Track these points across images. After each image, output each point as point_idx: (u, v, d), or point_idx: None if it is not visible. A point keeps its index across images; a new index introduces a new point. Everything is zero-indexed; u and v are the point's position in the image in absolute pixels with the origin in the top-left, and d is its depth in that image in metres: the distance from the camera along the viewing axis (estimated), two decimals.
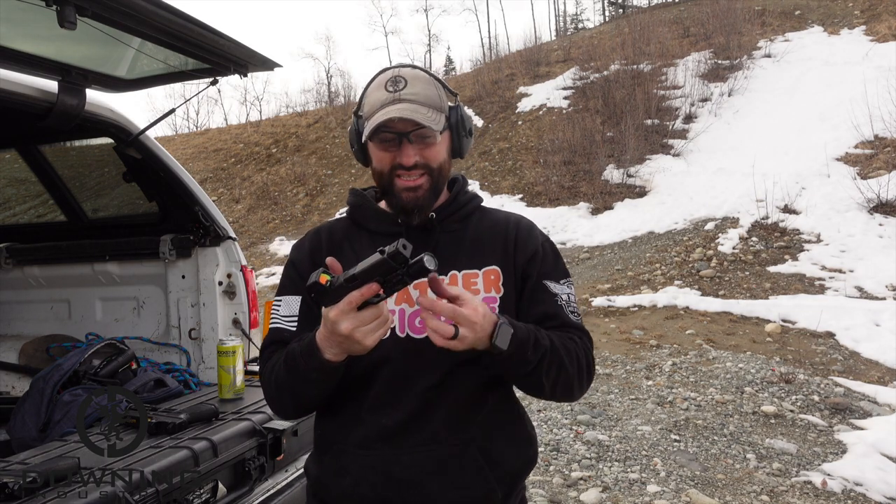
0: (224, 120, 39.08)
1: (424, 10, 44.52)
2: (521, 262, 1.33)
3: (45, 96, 2.17)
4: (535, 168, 14.96)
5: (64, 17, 1.59)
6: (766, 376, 5.46)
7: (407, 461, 1.23)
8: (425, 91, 1.26)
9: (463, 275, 1.30)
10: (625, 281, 9.09)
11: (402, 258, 0.99)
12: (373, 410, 1.26)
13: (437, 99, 1.28)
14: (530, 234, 1.38)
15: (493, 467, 1.26)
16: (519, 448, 1.32)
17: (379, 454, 1.24)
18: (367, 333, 1.06)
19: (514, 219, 1.40)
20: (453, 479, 1.23)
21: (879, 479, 3.72)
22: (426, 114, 1.23)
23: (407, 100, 1.24)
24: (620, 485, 3.70)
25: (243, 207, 18.52)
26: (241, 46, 2.12)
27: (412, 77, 1.27)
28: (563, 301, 1.32)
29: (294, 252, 1.40)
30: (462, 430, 1.25)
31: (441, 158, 1.30)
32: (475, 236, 1.35)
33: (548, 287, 1.32)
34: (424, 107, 1.24)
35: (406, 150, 1.25)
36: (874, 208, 9.75)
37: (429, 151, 1.27)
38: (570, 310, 1.32)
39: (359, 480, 1.25)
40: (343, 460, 1.28)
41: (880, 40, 15.85)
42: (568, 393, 1.27)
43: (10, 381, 2.92)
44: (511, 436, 1.32)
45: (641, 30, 19.00)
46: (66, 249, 3.08)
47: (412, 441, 1.24)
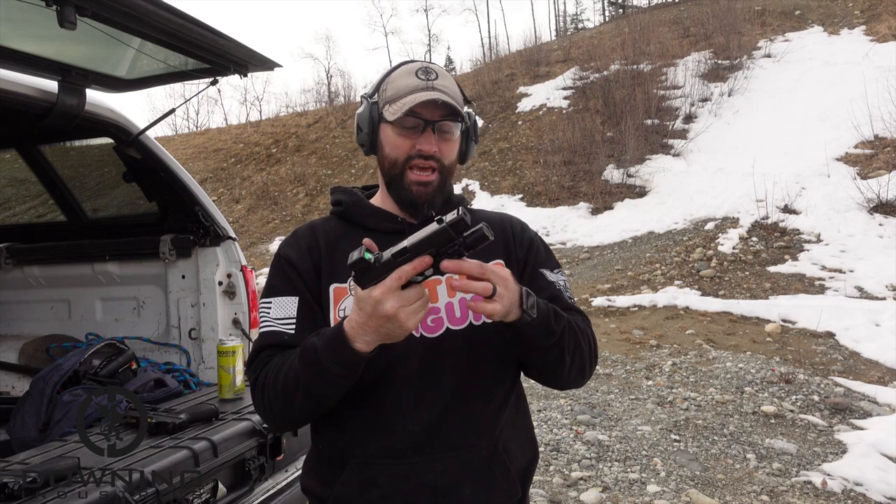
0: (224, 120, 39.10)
1: (424, 10, 44.60)
2: (521, 254, 1.35)
3: (45, 96, 2.17)
4: (535, 168, 14.96)
5: (64, 17, 1.59)
6: (766, 376, 5.46)
7: (440, 468, 1.18)
8: (454, 88, 1.27)
9: None
10: (625, 281, 9.09)
11: (464, 225, 0.94)
12: (396, 416, 1.19)
13: (460, 97, 1.28)
14: (523, 229, 1.41)
15: (514, 466, 1.25)
16: (527, 446, 1.32)
17: (411, 463, 1.17)
18: (410, 314, 0.98)
19: (506, 217, 1.43)
20: (485, 482, 1.21)
21: (879, 479, 3.72)
22: (456, 103, 1.23)
23: (440, 90, 1.22)
24: (620, 485, 3.70)
25: (243, 207, 18.52)
26: (241, 46, 2.12)
27: (441, 72, 1.28)
28: (560, 286, 1.34)
29: (288, 249, 1.29)
30: (489, 432, 1.22)
31: (454, 157, 1.30)
32: None
33: (545, 275, 1.34)
34: (450, 98, 1.23)
35: (429, 138, 1.22)
36: (874, 208, 9.75)
37: (446, 146, 1.26)
38: (568, 295, 1.34)
39: (390, 493, 1.18)
40: (368, 473, 1.19)
41: (880, 40, 15.85)
42: (581, 373, 1.25)
43: (10, 381, 2.91)
44: (521, 434, 1.32)
45: (641, 30, 19.00)
46: (66, 249, 3.08)
47: (443, 446, 1.18)
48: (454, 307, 1.23)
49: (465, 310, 1.22)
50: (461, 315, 1.23)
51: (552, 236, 12.40)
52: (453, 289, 1.11)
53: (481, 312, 1.04)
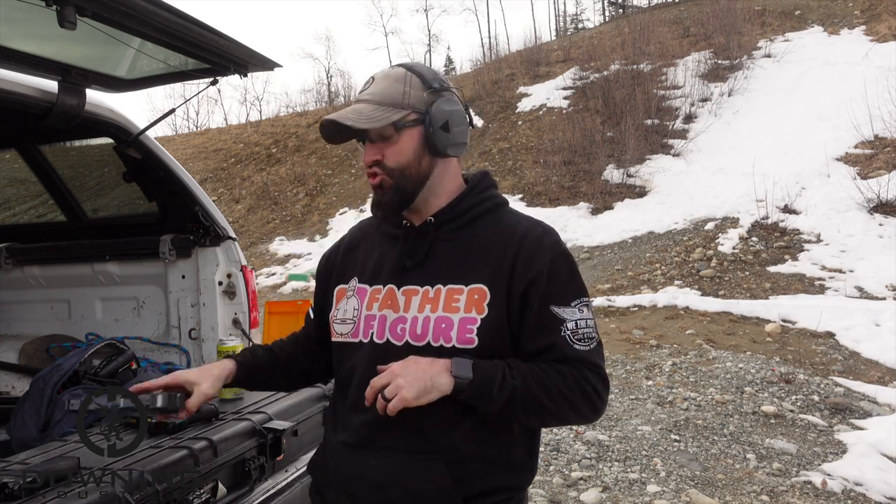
0: (224, 120, 39.03)
1: (424, 10, 44.34)
2: (521, 285, 1.21)
3: (45, 96, 2.17)
4: (535, 168, 14.96)
5: (64, 17, 1.59)
6: (766, 376, 5.46)
7: (375, 464, 1.24)
8: (385, 89, 1.25)
9: (447, 290, 1.23)
10: (625, 281, 9.09)
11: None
12: (350, 412, 1.30)
13: (399, 96, 1.23)
14: (538, 249, 1.24)
15: (462, 486, 1.20)
16: (497, 474, 1.24)
17: (356, 456, 1.27)
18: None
19: (523, 230, 1.27)
20: (415, 489, 1.20)
21: (879, 479, 3.72)
22: (369, 113, 1.22)
23: (363, 100, 1.26)
24: (620, 485, 3.70)
25: (243, 207, 18.52)
26: (241, 46, 2.12)
27: (382, 76, 1.28)
28: (569, 329, 1.20)
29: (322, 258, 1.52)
30: (430, 444, 1.21)
31: (403, 158, 1.25)
32: (472, 247, 1.27)
33: (554, 313, 1.21)
34: (373, 105, 1.23)
35: (366, 150, 1.27)
36: (874, 208, 9.75)
37: (388, 150, 1.25)
38: (578, 337, 1.20)
39: (335, 480, 1.31)
40: (326, 460, 1.35)
41: (880, 40, 15.85)
42: (560, 424, 1.29)
43: (10, 381, 2.91)
44: (489, 460, 1.23)
45: (641, 30, 19.00)
46: (66, 249, 3.07)
47: (379, 444, 1.24)
48: (418, 322, 1.23)
49: (426, 329, 1.22)
50: (422, 332, 1.23)
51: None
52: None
53: (389, 412, 1.14)
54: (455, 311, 1.21)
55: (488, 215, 1.31)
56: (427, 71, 1.29)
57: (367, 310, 1.30)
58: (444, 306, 1.22)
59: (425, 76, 1.27)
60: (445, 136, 1.24)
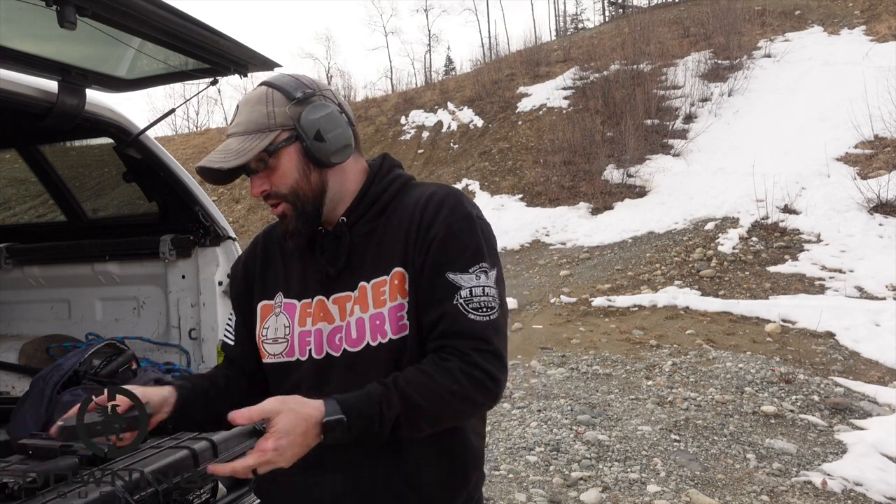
0: (224, 120, 39.03)
1: (424, 10, 44.24)
2: (421, 255, 1.16)
3: (45, 96, 2.17)
4: (535, 168, 14.97)
5: (64, 17, 1.58)
6: (766, 376, 5.46)
7: (324, 484, 1.20)
8: (249, 116, 1.18)
9: (373, 285, 1.19)
10: (625, 281, 9.09)
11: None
12: None
13: (264, 118, 1.17)
14: (436, 214, 1.17)
15: (419, 497, 1.19)
16: (449, 483, 1.22)
17: (300, 479, 1.20)
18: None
19: (426, 198, 1.21)
20: (373, 499, 1.19)
21: (879, 479, 3.72)
22: (237, 147, 1.16)
23: (231, 134, 1.19)
24: (620, 485, 3.70)
25: (243, 207, 18.53)
26: (241, 46, 2.12)
27: (244, 101, 1.21)
28: (462, 297, 1.12)
29: (233, 267, 1.44)
30: (381, 458, 1.17)
31: (289, 180, 1.18)
32: (386, 233, 1.21)
33: (450, 281, 1.13)
34: (241, 136, 1.17)
35: (251, 183, 1.21)
36: (874, 208, 9.75)
37: (272, 177, 1.19)
38: (473, 306, 1.12)
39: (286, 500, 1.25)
40: (273, 486, 1.27)
41: (880, 40, 15.86)
42: (461, 421, 1.20)
43: (10, 381, 2.91)
44: (442, 470, 1.21)
45: (641, 30, 19.01)
46: (66, 249, 3.07)
47: (330, 465, 1.18)
48: (352, 327, 1.19)
49: (362, 331, 1.18)
50: (357, 336, 1.18)
51: (552, 236, 12.42)
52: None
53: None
54: (383, 304, 1.17)
55: (398, 196, 1.26)
56: (289, 82, 1.20)
57: (300, 326, 1.24)
58: (374, 302, 1.18)
59: (286, 88, 1.18)
60: (322, 146, 1.16)
